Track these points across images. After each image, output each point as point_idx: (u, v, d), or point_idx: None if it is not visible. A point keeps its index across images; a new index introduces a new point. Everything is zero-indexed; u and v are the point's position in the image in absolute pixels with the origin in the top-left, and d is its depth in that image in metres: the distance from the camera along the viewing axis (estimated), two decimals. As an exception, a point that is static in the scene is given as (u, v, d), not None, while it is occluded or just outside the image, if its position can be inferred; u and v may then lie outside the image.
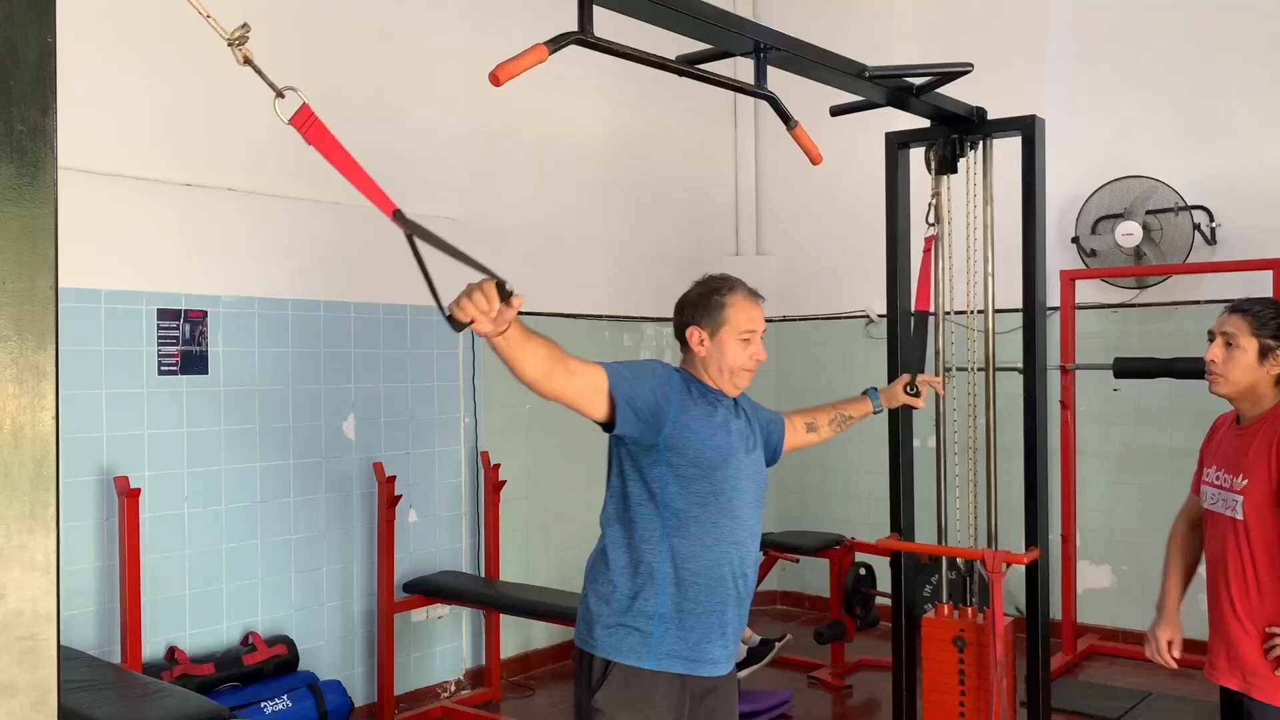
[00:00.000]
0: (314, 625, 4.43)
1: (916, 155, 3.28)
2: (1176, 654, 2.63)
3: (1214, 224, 5.22)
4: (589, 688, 2.18)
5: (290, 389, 4.38)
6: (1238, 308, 2.56)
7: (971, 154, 3.16)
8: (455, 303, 1.79)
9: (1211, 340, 2.57)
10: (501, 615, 4.95)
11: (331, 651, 4.49)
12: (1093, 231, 5.46)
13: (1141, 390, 5.39)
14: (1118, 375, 5.10)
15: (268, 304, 4.32)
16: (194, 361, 4.07)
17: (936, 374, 3.23)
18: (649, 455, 2.20)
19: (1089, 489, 5.58)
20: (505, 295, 1.78)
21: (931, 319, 3.14)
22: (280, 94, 1.43)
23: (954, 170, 3.18)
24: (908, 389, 2.83)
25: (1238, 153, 5.21)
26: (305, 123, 1.47)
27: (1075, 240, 5.52)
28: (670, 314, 2.44)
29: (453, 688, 4.97)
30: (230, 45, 1.37)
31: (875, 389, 2.82)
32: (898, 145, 3.25)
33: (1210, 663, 2.55)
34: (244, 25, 1.38)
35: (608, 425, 2.16)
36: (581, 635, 2.26)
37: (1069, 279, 5.38)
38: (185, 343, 4.03)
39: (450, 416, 5.00)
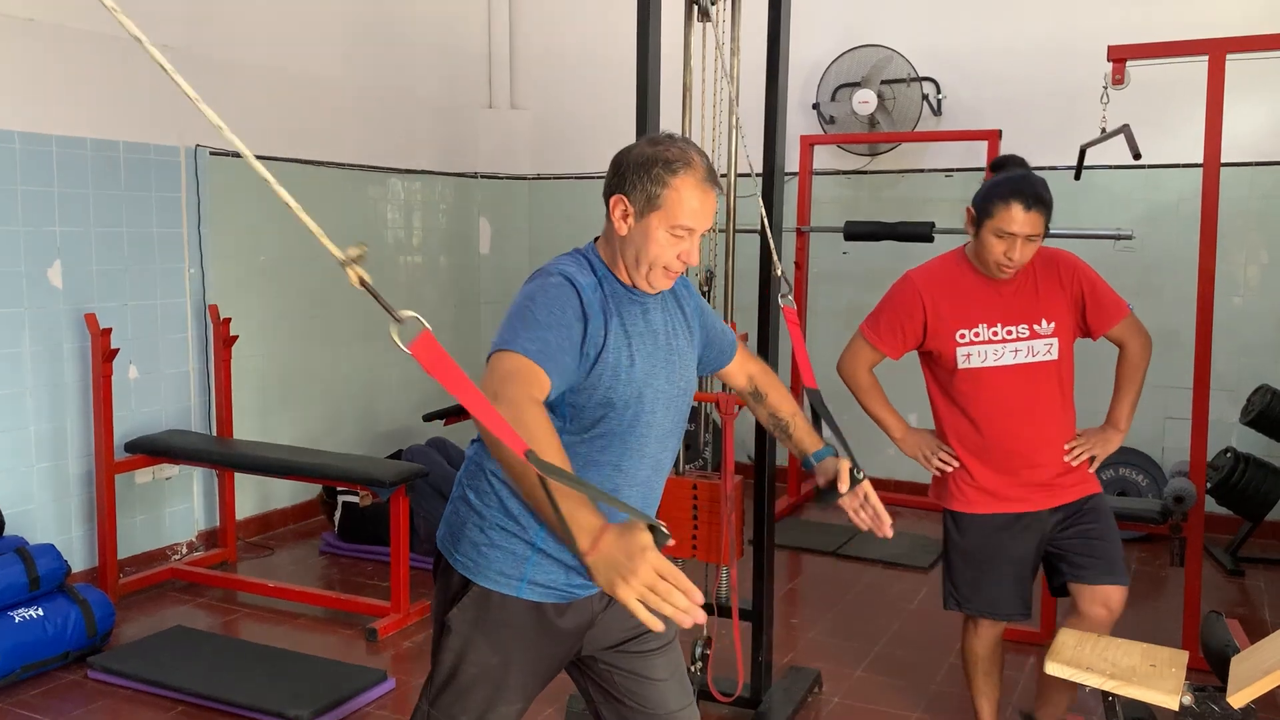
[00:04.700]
0: (22, 488, 4.08)
1: (670, 3, 3.24)
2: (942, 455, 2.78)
3: (940, 95, 5.54)
4: (446, 598, 1.89)
5: (-18, 230, 3.91)
6: (1034, 205, 2.51)
7: (722, 2, 3.15)
8: (617, 586, 1.35)
9: (1007, 239, 2.53)
10: (237, 475, 4.76)
11: (44, 515, 4.17)
12: (832, 99, 5.66)
13: (868, 252, 5.72)
14: (848, 238, 5.38)
15: (-51, 132, 3.80)
16: None
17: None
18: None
19: (818, 344, 5.91)
20: (663, 539, 1.37)
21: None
22: (399, 319, 1.21)
23: (707, 19, 3.16)
24: (830, 487, 2.08)
25: (963, 27, 5.51)
26: (427, 351, 1.24)
27: (816, 106, 5.72)
28: (422, 167, 1.82)
29: (185, 550, 4.76)
30: (345, 266, 1.17)
31: (831, 452, 2.12)
32: (649, -9, 3.19)
33: (1024, 497, 2.69)
34: (361, 245, 1.18)
35: None
36: (445, 539, 1.92)
37: (808, 144, 5.59)
38: None
39: (173, 267, 4.64)
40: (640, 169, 1.78)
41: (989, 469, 2.71)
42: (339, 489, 4.96)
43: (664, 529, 1.37)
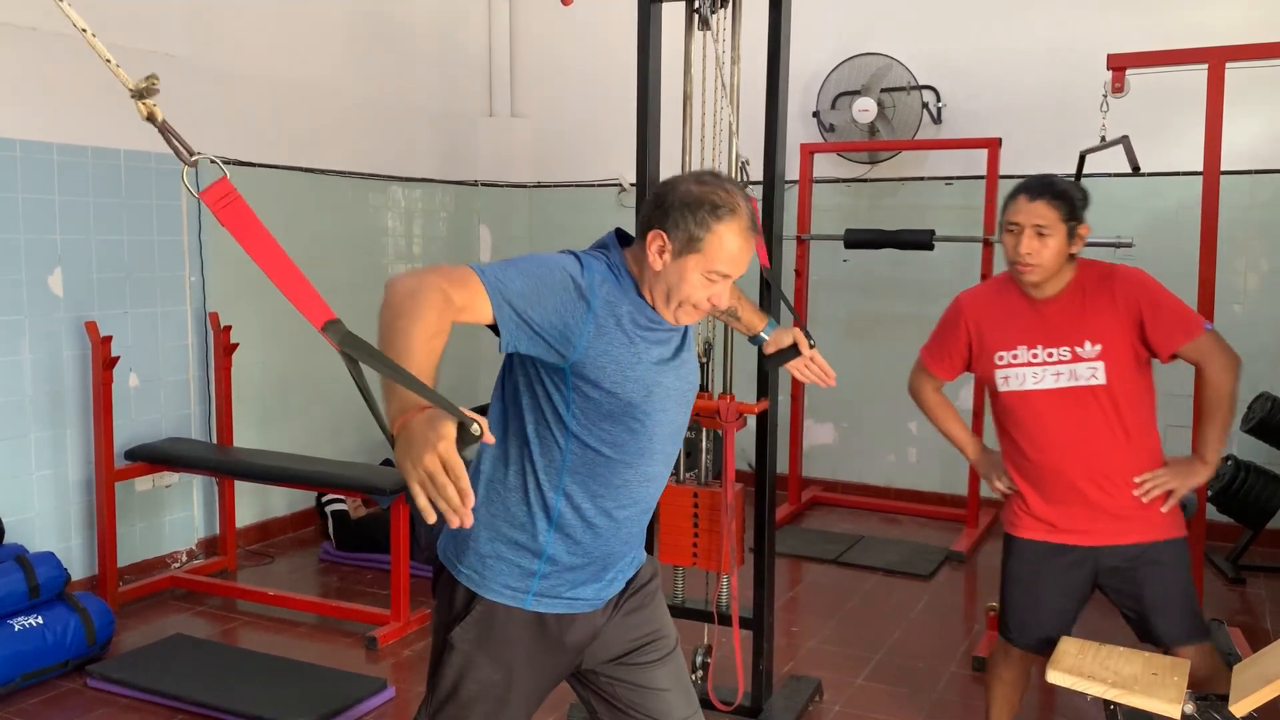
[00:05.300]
0: (22, 496, 4.08)
1: (670, 13, 3.25)
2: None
3: (940, 104, 5.55)
4: (449, 615, 1.87)
5: (-17, 238, 3.91)
6: (1040, 194, 2.46)
7: (722, 11, 3.16)
8: (408, 480, 1.34)
9: (1014, 231, 2.47)
10: (237, 483, 4.76)
11: (44, 523, 4.16)
12: (832, 107, 5.67)
13: (868, 260, 5.74)
14: (848, 246, 5.39)
15: (-50, 141, 3.80)
16: None
17: None
18: (553, 375, 1.76)
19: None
20: (471, 439, 1.32)
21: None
22: (191, 162, 1.16)
23: (707, 27, 3.16)
24: (781, 351, 2.33)
25: (963, 35, 5.52)
26: (221, 200, 1.18)
27: (816, 115, 5.72)
28: (422, 175, 1.81)
29: (184, 557, 4.75)
30: (136, 99, 1.08)
31: (775, 325, 2.38)
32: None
33: (1081, 529, 2.54)
34: (151, 77, 1.10)
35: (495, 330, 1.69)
36: (447, 550, 1.90)
37: (808, 152, 5.59)
38: None
39: (174, 274, 4.64)
40: (685, 209, 1.76)
41: (1040, 496, 2.59)
42: (322, 499, 4.99)
43: (475, 428, 1.32)
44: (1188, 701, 2.21)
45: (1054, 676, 2.35)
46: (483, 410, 1.70)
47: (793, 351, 2.31)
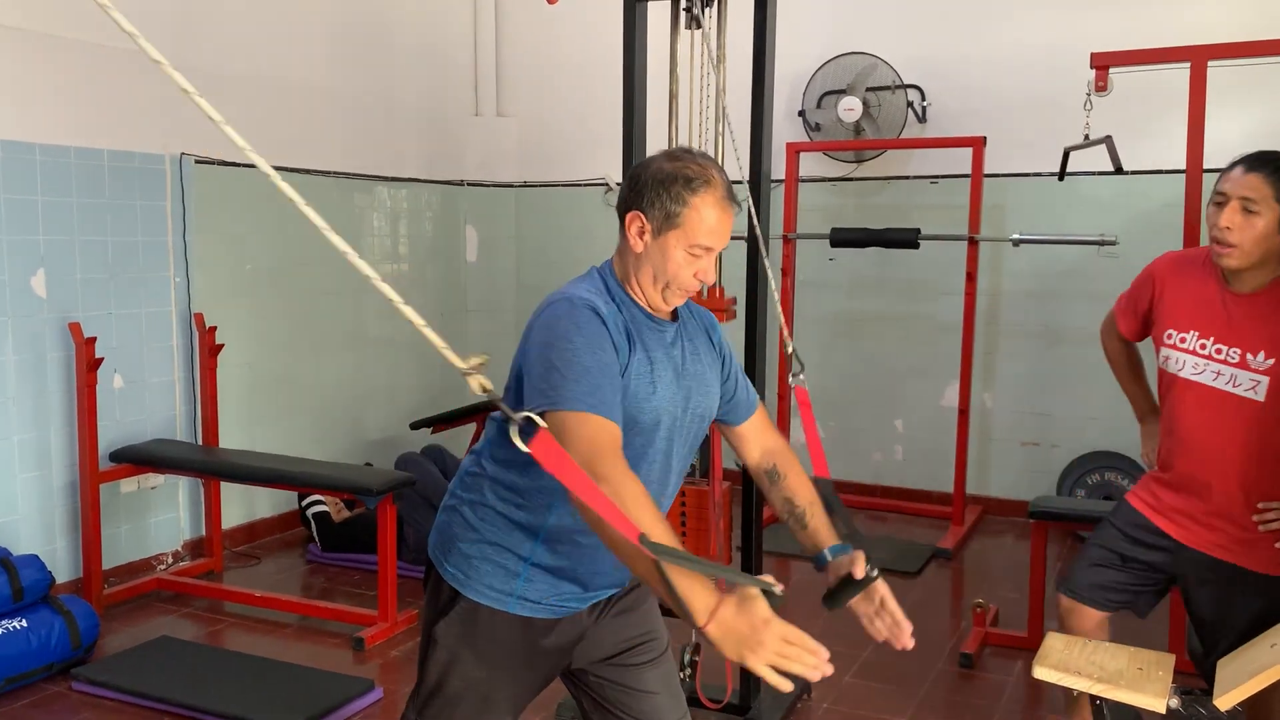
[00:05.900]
0: (5, 498, 4.05)
1: (655, 13, 3.25)
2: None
3: (925, 103, 5.57)
4: (435, 611, 1.88)
5: (-35, 239, 3.89)
6: (1259, 166, 2.22)
7: (708, 11, 3.16)
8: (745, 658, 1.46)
9: (1219, 203, 2.25)
10: (223, 484, 4.74)
11: (29, 526, 4.13)
12: (818, 106, 5.68)
13: (854, 259, 5.75)
14: (834, 245, 5.40)
15: (-68, 141, 3.78)
16: None
17: None
18: None
19: (804, 351, 5.91)
20: (777, 600, 1.46)
21: None
22: (516, 421, 1.35)
23: (698, 26, 3.16)
24: (851, 582, 1.89)
25: (948, 36, 5.54)
26: (546, 450, 1.36)
27: (802, 114, 5.74)
28: (408, 175, 1.78)
29: (170, 559, 4.73)
30: (466, 376, 1.28)
31: (848, 550, 1.93)
32: None
33: (1176, 521, 2.47)
34: (484, 356, 1.30)
35: None
36: (436, 548, 1.90)
37: (794, 151, 5.60)
38: None
39: (158, 275, 4.61)
40: (659, 186, 1.75)
41: (1163, 476, 2.50)
42: (303, 503, 4.97)
43: (776, 590, 1.44)
44: (1173, 695, 2.22)
45: (1040, 672, 2.36)
46: (488, 409, 1.72)
47: (849, 583, 1.87)
